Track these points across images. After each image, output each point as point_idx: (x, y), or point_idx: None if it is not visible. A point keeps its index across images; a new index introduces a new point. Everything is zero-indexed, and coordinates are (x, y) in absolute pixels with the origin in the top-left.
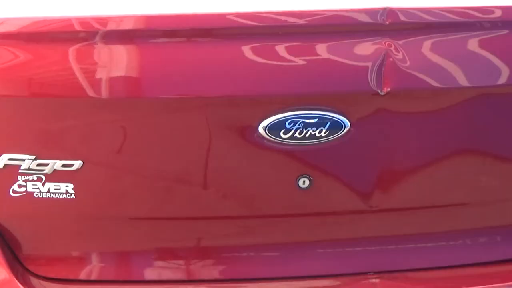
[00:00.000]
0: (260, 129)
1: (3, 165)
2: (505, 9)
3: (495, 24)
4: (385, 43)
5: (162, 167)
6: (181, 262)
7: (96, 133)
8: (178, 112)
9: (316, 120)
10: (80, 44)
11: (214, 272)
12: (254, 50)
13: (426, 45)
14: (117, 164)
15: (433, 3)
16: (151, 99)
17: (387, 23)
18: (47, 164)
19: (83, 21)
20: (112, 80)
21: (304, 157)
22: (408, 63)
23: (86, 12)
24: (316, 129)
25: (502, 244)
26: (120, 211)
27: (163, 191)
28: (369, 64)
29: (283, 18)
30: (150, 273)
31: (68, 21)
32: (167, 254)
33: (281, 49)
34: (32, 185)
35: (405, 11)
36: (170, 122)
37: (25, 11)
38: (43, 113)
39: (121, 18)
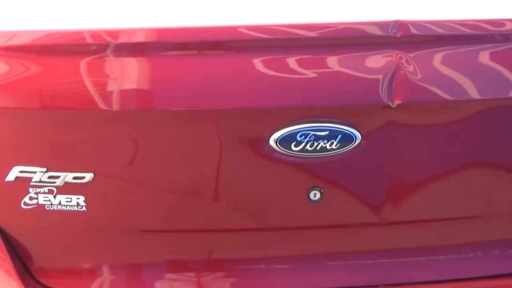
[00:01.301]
0: (271, 142)
1: (14, 177)
2: None
3: (506, 37)
4: (396, 55)
5: (173, 179)
6: (192, 274)
7: (107, 146)
8: (189, 125)
9: (327, 132)
10: (91, 57)
11: (224, 285)
12: (265, 63)
13: (437, 58)
14: (128, 176)
15: (444, 15)
16: (162, 111)
17: (398, 35)
18: (58, 177)
19: (94, 34)
20: (123, 93)
21: (315, 170)
22: (419, 75)
23: (97, 25)
24: (327, 142)
25: (505, 256)
26: (131, 224)
27: (174, 204)
28: (380, 76)
29: (293, 31)
30: (160, 286)
31: (79, 34)
32: (177, 266)
33: (292, 61)
34: (44, 197)
35: (416, 23)
36: (181, 135)
37: (37, 24)
38: (54, 125)
39: (132, 31)
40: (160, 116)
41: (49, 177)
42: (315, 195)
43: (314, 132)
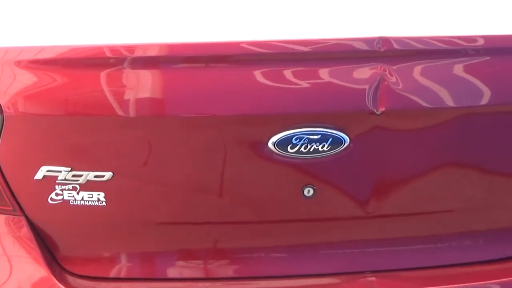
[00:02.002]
0: (270, 144)
1: (42, 176)
2: (487, 38)
3: (478, 51)
4: (380, 68)
5: (182, 177)
6: (199, 261)
7: (124, 147)
8: (197, 129)
9: (319, 136)
10: (110, 69)
11: (228, 270)
12: (264, 74)
13: (417, 70)
14: (143, 174)
15: (423, 32)
16: (173, 117)
17: (382, 50)
18: (81, 175)
19: (112, 48)
20: (138, 101)
21: (308, 169)
22: (401, 86)
23: (115, 41)
24: (319, 144)
25: (485, 246)
26: (145, 217)
27: (183, 199)
28: (366, 86)
29: (290, 46)
30: (171, 272)
31: (99, 48)
32: (187, 254)
33: (288, 73)
34: (68, 193)
35: (398, 39)
36: (190, 138)
37: (62, 39)
38: (77, 129)
39: (146, 46)
40: (171, 121)
41: (73, 176)
42: (308, 191)
43: (308, 136)
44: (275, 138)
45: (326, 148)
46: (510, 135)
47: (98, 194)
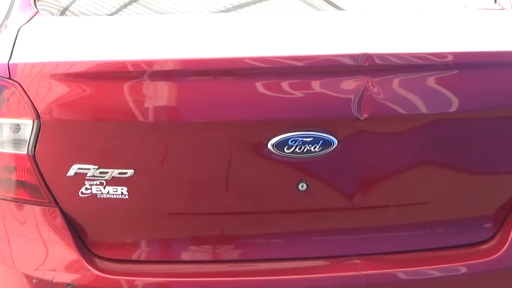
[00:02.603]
0: (269, 146)
1: (74, 173)
2: (455, 54)
3: (447, 66)
4: (363, 80)
5: (194, 174)
6: (207, 246)
7: (144, 148)
8: (206, 133)
9: (312, 139)
10: (132, 81)
11: (232, 254)
12: (264, 85)
13: (395, 82)
14: (161, 172)
15: (401, 49)
16: (186, 122)
17: (366, 64)
18: (107, 172)
19: (134, 63)
20: (155, 108)
21: (302, 167)
22: (382, 95)
23: (136, 56)
24: (312, 146)
25: (455, 233)
26: (162, 208)
27: (194, 193)
28: (352, 96)
29: (286, 61)
30: (183, 255)
31: (123, 63)
32: (197, 240)
33: (285, 84)
34: (96, 188)
35: (379, 55)
36: (201, 140)
37: (90, 55)
38: (103, 133)
39: (163, 61)
40: (184, 126)
41: (100, 173)
42: (302, 186)
43: (302, 138)
44: (273, 140)
45: (318, 149)
46: (474, 138)
47: (122, 189)
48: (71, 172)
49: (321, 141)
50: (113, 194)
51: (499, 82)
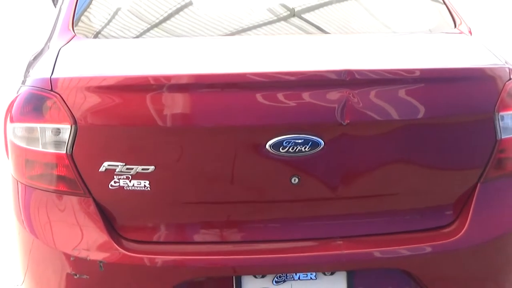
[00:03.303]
0: (267, 146)
1: (104, 169)
2: (421, 70)
3: (415, 80)
4: (346, 92)
5: (204, 169)
6: (216, 230)
7: (163, 149)
8: (215, 135)
9: (302, 140)
10: (153, 92)
11: (236, 236)
12: (263, 96)
13: (372, 93)
14: (176, 168)
15: (377, 66)
16: (198, 127)
17: (347, 79)
18: (132, 168)
19: (154, 77)
20: (172, 115)
21: (294, 164)
22: (361, 104)
23: (156, 72)
24: (302, 146)
25: (422, 219)
26: (178, 198)
27: (204, 185)
28: (336, 105)
29: (282, 75)
30: (196, 237)
31: (145, 77)
32: (206, 225)
33: (280, 95)
34: (123, 181)
35: (358, 71)
36: (210, 142)
37: (118, 71)
38: (129, 135)
39: (179, 76)
40: (196, 129)
41: (126, 169)
42: (295, 180)
43: (294, 140)
44: (271, 142)
45: (307, 149)
46: (436, 140)
47: (144, 182)
48: (102, 168)
49: (310, 142)
50: (137, 187)
51: (455, 93)
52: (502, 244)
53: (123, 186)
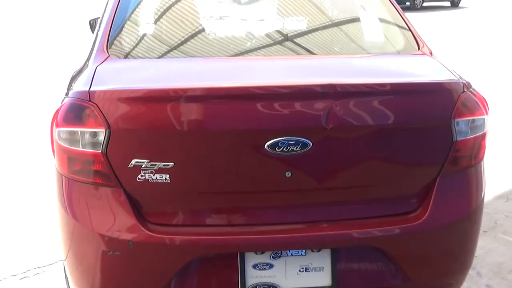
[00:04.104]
0: (265, 146)
1: (133, 165)
2: (391, 84)
3: (387, 92)
4: (329, 102)
5: (214, 165)
6: (223, 215)
7: (180, 148)
8: (223, 137)
9: (294, 142)
10: (171, 102)
11: (241, 220)
12: (263, 105)
13: (351, 103)
14: (192, 164)
15: (354, 80)
16: (209, 130)
17: (331, 91)
18: (155, 165)
19: (173, 89)
20: (188, 121)
21: (288, 161)
22: (342, 112)
23: (173, 85)
24: (294, 146)
25: (391, 206)
26: (193, 189)
27: (215, 178)
28: (321, 112)
29: (278, 88)
30: (208, 220)
31: (165, 90)
32: (216, 210)
33: (276, 104)
34: (148, 175)
35: (340, 85)
36: (219, 142)
37: (144, 84)
38: (153, 137)
39: (193, 89)
40: (207, 132)
41: (150, 165)
42: (288, 174)
43: (287, 141)
44: (268, 143)
45: (298, 148)
46: (402, 141)
47: (165, 176)
48: (131, 165)
49: (300, 143)
50: (159, 179)
51: (419, 103)
52: (457, 227)
53: (148, 179)
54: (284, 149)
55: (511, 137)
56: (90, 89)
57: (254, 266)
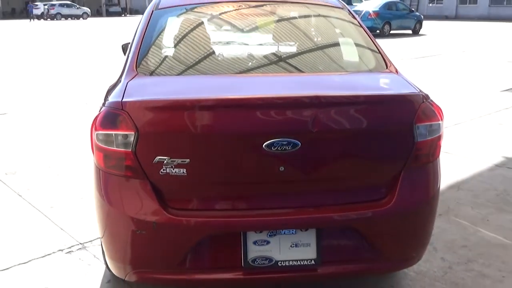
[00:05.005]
0: (263, 146)
1: (157, 161)
2: (365, 95)
3: (361, 102)
4: (315, 110)
5: (222, 161)
6: (229, 201)
7: (195, 147)
8: (229, 139)
9: (286, 142)
10: (187, 110)
11: (244, 205)
12: (262, 113)
13: (333, 111)
14: (204, 160)
15: (335, 93)
16: (218, 132)
17: (316, 101)
18: (174, 161)
19: (189, 100)
20: (201, 125)
21: (281, 158)
22: (325, 118)
23: (189, 97)
24: (287, 146)
25: (365, 194)
26: (205, 180)
27: (222, 171)
28: (308, 119)
29: (274, 99)
30: (218, 205)
31: (183, 100)
32: (224, 198)
33: (273, 112)
34: (169, 169)
35: (323, 96)
36: (226, 143)
37: (165, 96)
38: (172, 138)
39: (205, 99)
40: (217, 134)
41: (171, 161)
42: (281, 168)
43: (281, 142)
44: (266, 143)
45: (290, 148)
46: (372, 142)
47: (183, 169)
48: (155, 161)
49: (291, 143)
50: (178, 173)
51: (388, 111)
52: (418, 211)
53: (168, 172)
54: (278, 148)
55: (462, 139)
56: (123, 100)
57: (254, 242)
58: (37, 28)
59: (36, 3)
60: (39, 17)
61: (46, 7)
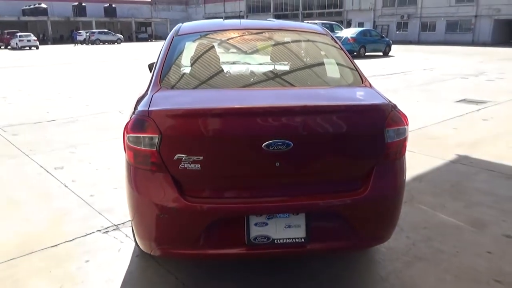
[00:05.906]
0: (263, 146)
1: (176, 158)
2: (344, 105)
3: (341, 110)
4: (304, 117)
5: (229, 158)
6: (235, 190)
7: (208, 147)
8: (235, 140)
9: (281, 143)
10: (201, 117)
11: (246, 194)
12: (262, 119)
13: (319, 118)
14: (215, 157)
15: (321, 103)
16: (226, 135)
17: (305, 110)
18: (191, 158)
19: (203, 109)
20: (213, 129)
21: (277, 156)
22: (313, 123)
23: (203, 106)
24: (282, 146)
25: (345, 184)
26: (216, 173)
27: (229, 167)
28: (299, 124)
29: (271, 109)
30: (227, 194)
31: (198, 109)
32: (231, 188)
33: (270, 119)
34: (186, 164)
35: (311, 106)
36: (232, 144)
37: (184, 106)
38: (189, 140)
39: (216, 108)
40: (225, 137)
41: (188, 158)
42: (277, 164)
43: (277, 143)
44: (265, 143)
45: (284, 147)
46: (349, 143)
47: (197, 165)
48: (175, 158)
49: (286, 144)
50: (193, 167)
51: (363, 118)
52: (388, 198)
53: (186, 167)
54: (275, 148)
55: (424, 140)
56: (149, 109)
57: (255, 224)
58: (81, 51)
59: (80, 31)
60: (82, 42)
61: (87, 34)
